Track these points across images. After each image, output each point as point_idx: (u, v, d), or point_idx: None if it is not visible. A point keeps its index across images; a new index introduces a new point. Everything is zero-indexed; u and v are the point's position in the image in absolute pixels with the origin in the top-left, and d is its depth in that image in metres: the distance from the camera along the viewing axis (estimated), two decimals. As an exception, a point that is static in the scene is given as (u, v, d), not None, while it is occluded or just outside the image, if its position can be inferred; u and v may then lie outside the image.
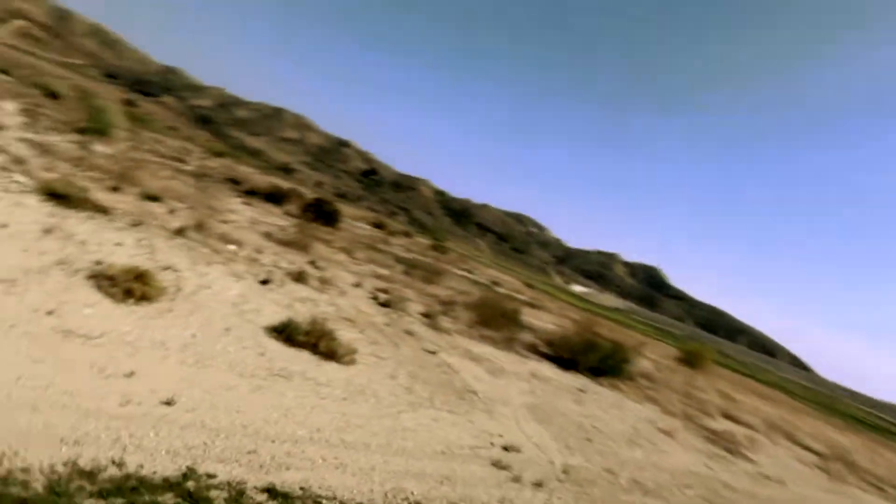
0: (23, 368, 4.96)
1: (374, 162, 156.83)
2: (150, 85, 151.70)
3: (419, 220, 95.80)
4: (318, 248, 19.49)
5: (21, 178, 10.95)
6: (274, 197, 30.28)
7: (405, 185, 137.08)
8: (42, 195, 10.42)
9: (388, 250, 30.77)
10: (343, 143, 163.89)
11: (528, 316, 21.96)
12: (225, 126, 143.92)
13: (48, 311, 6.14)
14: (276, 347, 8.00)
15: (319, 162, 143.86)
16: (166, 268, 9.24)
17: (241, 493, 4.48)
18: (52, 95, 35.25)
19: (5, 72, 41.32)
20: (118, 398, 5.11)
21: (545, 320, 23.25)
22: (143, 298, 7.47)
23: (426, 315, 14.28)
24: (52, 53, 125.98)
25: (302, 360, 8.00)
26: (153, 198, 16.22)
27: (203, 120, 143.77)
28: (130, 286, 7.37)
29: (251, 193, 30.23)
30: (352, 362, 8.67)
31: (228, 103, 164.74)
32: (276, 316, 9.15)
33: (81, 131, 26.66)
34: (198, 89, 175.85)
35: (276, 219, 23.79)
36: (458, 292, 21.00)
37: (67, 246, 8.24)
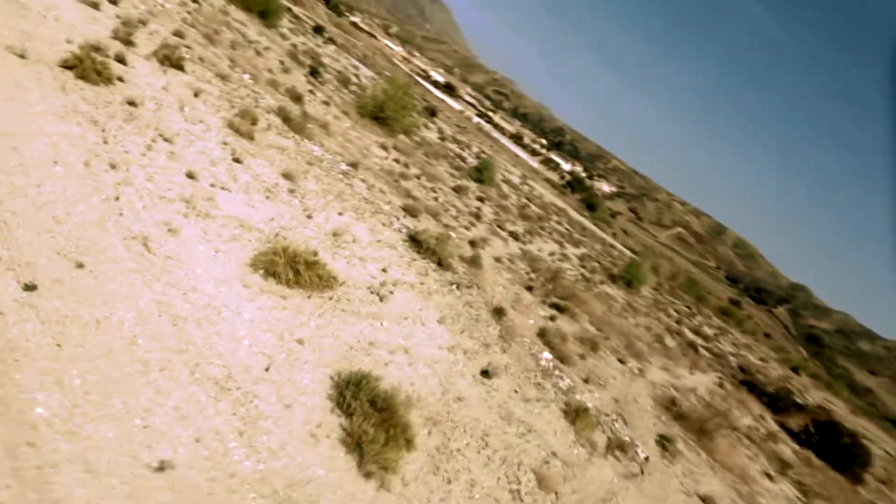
0: (61, 196, 5.45)
1: None
2: (768, 294, 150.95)
3: None
4: (736, 459, 12.62)
5: (407, 225, 12.75)
6: (776, 400, 22.53)
7: None
8: (406, 238, 11.79)
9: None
10: None
11: None
12: (835, 352, 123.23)
13: (170, 229, 6.60)
14: (303, 399, 5.49)
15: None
16: (377, 292, 8.30)
17: None
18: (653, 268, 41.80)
19: (635, 252, 55.59)
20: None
21: None
22: (273, 275, 6.90)
23: None
24: (690, 254, 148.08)
25: (303, 434, 5.09)
26: (560, 308, 15.40)
27: (811, 339, 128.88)
28: (275, 259, 6.99)
29: (754, 391, 23.73)
30: (387, 488, 4.79)
31: (852, 332, 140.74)
32: (417, 386, 6.37)
33: (611, 277, 29.55)
34: (821, 311, 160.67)
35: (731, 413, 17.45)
36: None
37: (328, 243, 8.78)
